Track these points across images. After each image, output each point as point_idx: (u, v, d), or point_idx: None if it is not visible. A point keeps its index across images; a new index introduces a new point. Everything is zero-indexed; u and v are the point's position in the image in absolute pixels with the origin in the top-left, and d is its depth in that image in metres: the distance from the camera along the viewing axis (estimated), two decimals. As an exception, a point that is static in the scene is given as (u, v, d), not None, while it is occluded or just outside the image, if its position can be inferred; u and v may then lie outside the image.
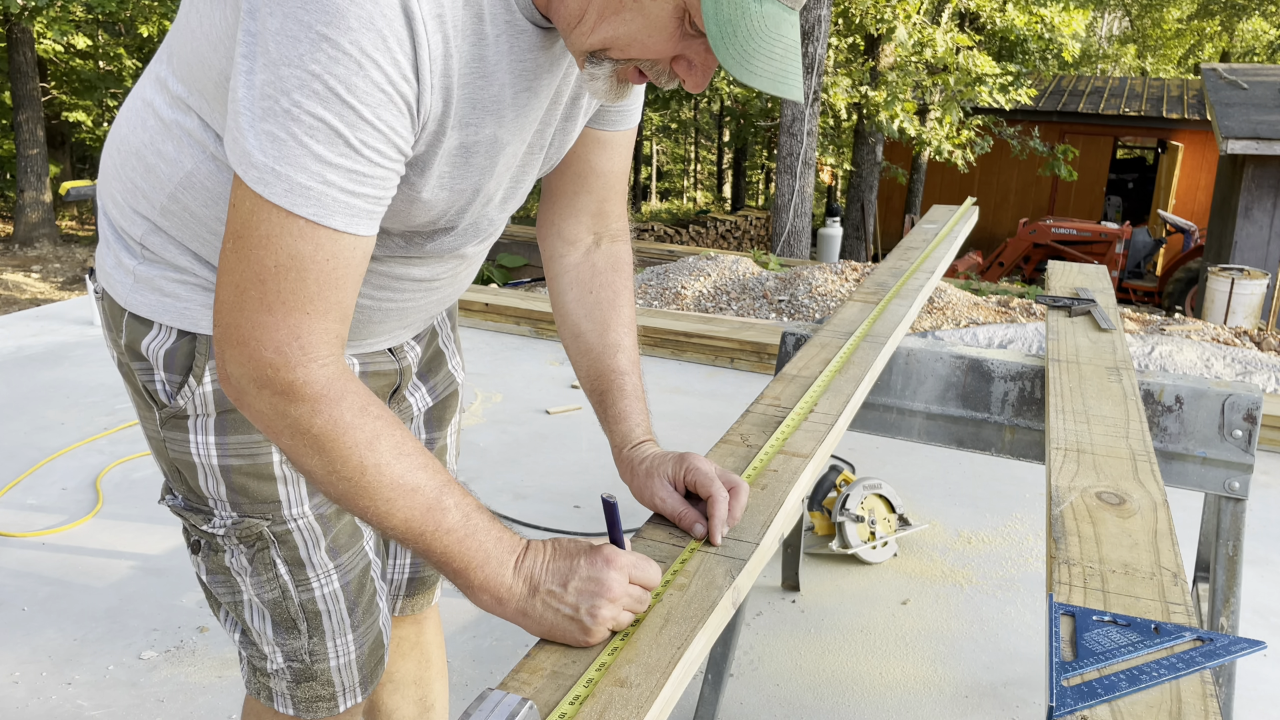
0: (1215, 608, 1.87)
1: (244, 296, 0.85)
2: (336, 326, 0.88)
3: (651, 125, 23.89)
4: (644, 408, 1.19)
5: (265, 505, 1.10)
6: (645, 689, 0.83)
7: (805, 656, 2.36)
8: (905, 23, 10.99)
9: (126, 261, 1.05)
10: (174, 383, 1.06)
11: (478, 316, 5.27)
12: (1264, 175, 9.48)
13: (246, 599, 1.14)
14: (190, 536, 1.15)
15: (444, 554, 0.89)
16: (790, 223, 9.48)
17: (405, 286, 1.09)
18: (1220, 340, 5.14)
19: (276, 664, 1.17)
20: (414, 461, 0.89)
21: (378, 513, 0.88)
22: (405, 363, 1.25)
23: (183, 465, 1.10)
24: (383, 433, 0.89)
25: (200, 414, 1.06)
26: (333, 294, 0.86)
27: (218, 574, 1.14)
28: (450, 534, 0.89)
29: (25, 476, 3.25)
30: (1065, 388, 1.72)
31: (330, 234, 0.84)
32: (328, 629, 1.16)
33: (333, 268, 0.85)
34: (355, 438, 0.87)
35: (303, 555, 1.13)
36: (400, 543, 0.91)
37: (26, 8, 10.32)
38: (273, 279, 0.84)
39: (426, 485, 0.89)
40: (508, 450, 3.59)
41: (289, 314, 0.85)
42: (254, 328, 0.85)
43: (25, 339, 4.76)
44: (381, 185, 0.86)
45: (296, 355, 0.85)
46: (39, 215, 13.12)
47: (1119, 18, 29.54)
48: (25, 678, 2.22)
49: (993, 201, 15.96)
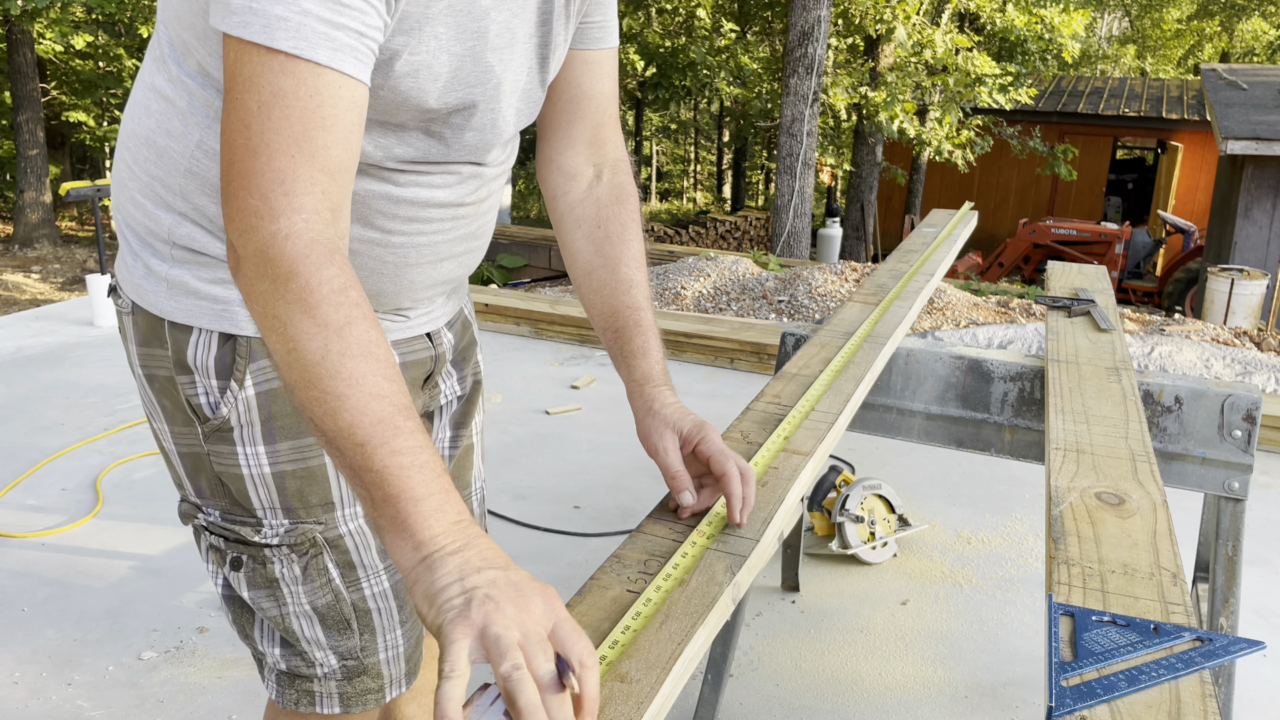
0: (1215, 608, 1.87)
1: (232, 146, 0.82)
2: (324, 179, 0.83)
3: (651, 125, 23.90)
4: (661, 345, 1.17)
5: (320, 509, 1.08)
6: (646, 684, 0.83)
7: (805, 657, 2.36)
8: (905, 23, 10.99)
9: (158, 267, 1.03)
10: (219, 389, 1.03)
11: (478, 316, 5.26)
12: (1263, 175, 9.49)
13: (293, 609, 1.11)
14: (227, 555, 1.09)
15: (379, 474, 0.78)
16: (790, 223, 9.48)
17: (432, 215, 1.06)
18: (1220, 340, 5.14)
19: (329, 666, 1.14)
20: (383, 367, 0.81)
21: (324, 410, 0.79)
22: (441, 349, 1.23)
23: (229, 478, 1.06)
24: (356, 321, 0.81)
25: (245, 423, 1.03)
26: (319, 136, 0.82)
27: (263, 588, 1.09)
28: (398, 455, 0.79)
29: (25, 477, 3.25)
30: (1065, 388, 1.72)
31: (312, 68, 0.81)
32: (378, 626, 1.15)
33: (317, 105, 0.81)
34: (326, 317, 0.80)
35: (354, 558, 1.11)
36: (330, 449, 0.81)
37: (26, 9, 10.32)
38: (256, 120, 0.81)
39: (390, 395, 0.80)
40: (508, 450, 3.59)
41: (273, 157, 0.81)
42: (241, 176, 0.81)
43: (25, 339, 4.76)
44: (362, 19, 0.83)
45: (281, 202, 0.80)
46: (39, 216, 13.12)
47: (1119, 18, 29.54)
48: (25, 678, 2.22)
49: (992, 202, 15.96)
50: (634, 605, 0.93)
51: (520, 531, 2.97)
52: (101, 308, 5.01)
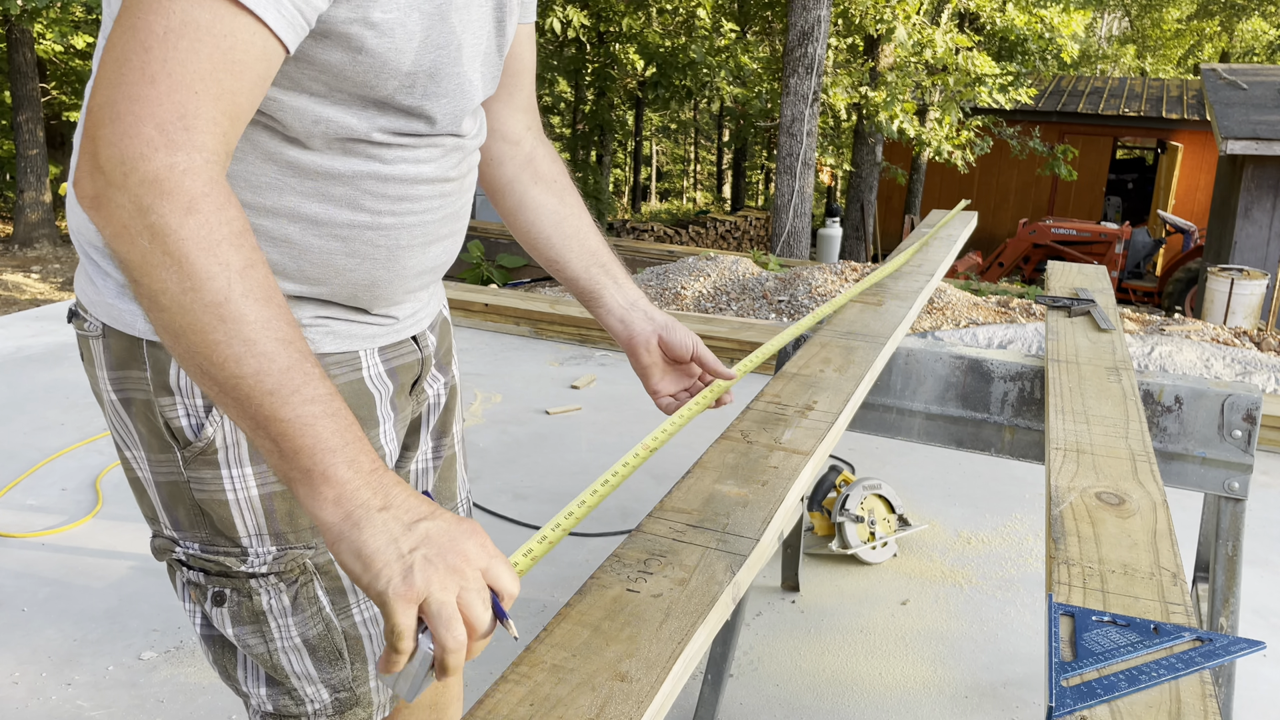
0: (1215, 608, 1.87)
1: (124, 67, 0.75)
2: (226, 123, 0.79)
3: (651, 125, 23.90)
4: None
5: (310, 532, 1.05)
6: (646, 684, 0.83)
7: (805, 657, 2.36)
8: (905, 23, 11.00)
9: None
10: (203, 409, 0.98)
11: (478, 317, 5.27)
12: (1263, 175, 9.49)
13: (281, 644, 1.07)
14: (208, 590, 1.05)
15: (290, 424, 0.76)
16: (790, 223, 9.49)
17: (420, 193, 1.05)
18: (1220, 340, 5.14)
19: (320, 701, 1.11)
20: (285, 312, 0.78)
21: (226, 355, 0.75)
22: (427, 351, 1.23)
23: (211, 505, 1.01)
24: (258, 265, 0.78)
25: (231, 443, 1.00)
26: (226, 80, 0.77)
27: (248, 624, 1.05)
28: (310, 404, 0.77)
29: (25, 477, 3.25)
30: (1065, 388, 1.72)
31: (231, 7, 0.76)
32: (369, 653, 1.13)
33: (229, 47, 0.77)
34: (228, 257, 0.76)
35: (344, 583, 1.08)
36: (224, 398, 0.77)
37: (26, 9, 10.32)
38: (159, 45, 0.75)
39: (296, 340, 0.78)
40: (507, 450, 3.59)
41: (174, 89, 0.75)
42: (133, 101, 0.75)
43: (25, 339, 4.76)
44: None
45: (180, 136, 0.75)
46: (39, 216, 13.13)
47: (1119, 18, 29.55)
48: (25, 678, 2.22)
49: (992, 202, 15.97)
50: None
51: (520, 531, 2.97)
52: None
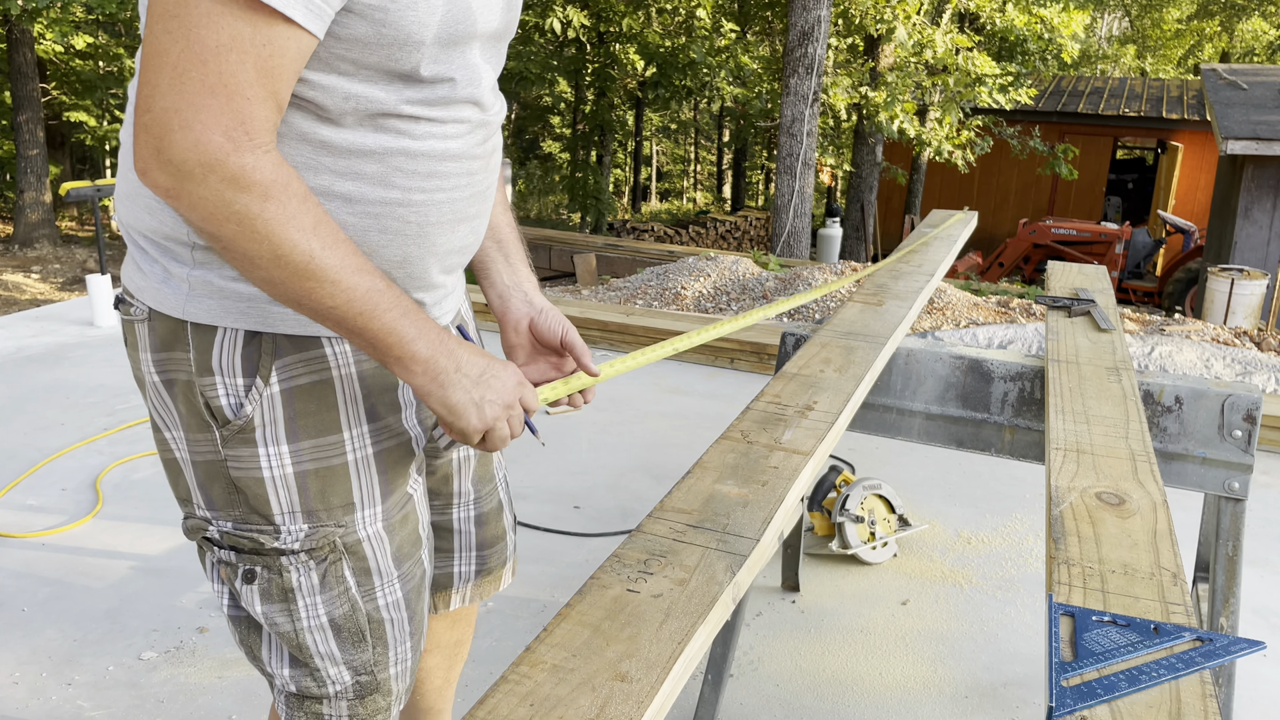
0: (1215, 608, 1.87)
1: (184, 78, 0.85)
2: (275, 115, 0.91)
3: (651, 125, 23.90)
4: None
5: (341, 510, 1.09)
6: (646, 684, 0.83)
7: (805, 657, 2.36)
8: (905, 23, 11.00)
9: (178, 270, 1.03)
10: (243, 388, 1.04)
11: (479, 317, 5.25)
12: (1264, 175, 9.49)
13: (307, 623, 1.11)
14: (239, 568, 1.09)
15: (380, 330, 0.96)
16: (790, 223, 9.49)
17: (449, 170, 1.08)
18: (1220, 340, 5.14)
19: (342, 683, 1.14)
20: (351, 245, 0.95)
21: (320, 295, 0.93)
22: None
23: (247, 483, 1.06)
24: (323, 219, 0.93)
25: (269, 421, 1.04)
26: (270, 82, 0.89)
27: (277, 602, 1.09)
28: (389, 312, 0.97)
29: (25, 477, 3.25)
30: (1065, 388, 1.72)
31: (267, 18, 0.86)
32: (390, 637, 1.16)
33: (269, 54, 0.87)
34: (303, 223, 0.91)
35: (371, 565, 1.12)
36: (328, 321, 0.96)
37: (26, 9, 10.32)
38: (214, 60, 0.85)
39: (365, 266, 0.96)
40: (507, 450, 3.59)
41: (232, 99, 0.86)
42: (199, 110, 0.86)
43: (25, 339, 4.76)
44: None
45: (244, 140, 0.87)
46: (39, 216, 13.13)
47: (1119, 18, 29.55)
48: (25, 678, 2.22)
49: (993, 202, 15.97)
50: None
51: (520, 531, 2.97)
52: (102, 308, 5.01)
